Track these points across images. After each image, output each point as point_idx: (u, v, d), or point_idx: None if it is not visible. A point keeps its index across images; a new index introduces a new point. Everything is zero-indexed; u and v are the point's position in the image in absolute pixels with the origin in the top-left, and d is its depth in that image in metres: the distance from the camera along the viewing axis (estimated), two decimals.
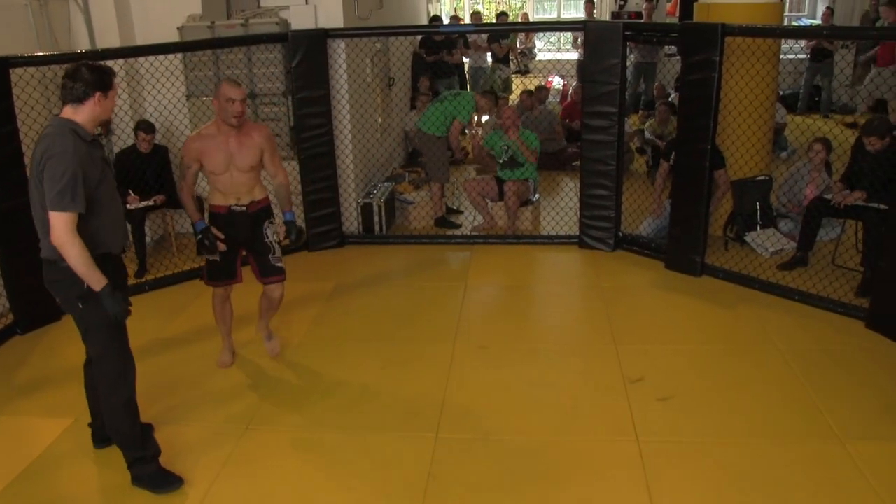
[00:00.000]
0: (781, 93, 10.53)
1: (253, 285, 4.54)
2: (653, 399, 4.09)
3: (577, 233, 6.40)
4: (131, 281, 5.77)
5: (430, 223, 7.15)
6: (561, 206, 6.82)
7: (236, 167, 4.17)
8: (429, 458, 3.67)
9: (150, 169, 6.09)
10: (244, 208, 4.25)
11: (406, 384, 4.35)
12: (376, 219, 6.85)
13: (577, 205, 6.41)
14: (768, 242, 6.15)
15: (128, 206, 6.01)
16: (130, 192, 6.01)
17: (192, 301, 5.54)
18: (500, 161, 6.91)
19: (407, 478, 3.53)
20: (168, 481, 3.49)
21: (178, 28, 6.32)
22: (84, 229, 3.11)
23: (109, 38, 6.20)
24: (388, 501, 3.39)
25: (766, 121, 6.13)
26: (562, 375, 4.42)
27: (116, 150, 6.23)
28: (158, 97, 6.07)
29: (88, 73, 3.21)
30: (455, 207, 7.50)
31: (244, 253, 4.39)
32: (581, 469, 3.58)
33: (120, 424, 3.42)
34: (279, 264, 4.39)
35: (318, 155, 6.33)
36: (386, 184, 7.33)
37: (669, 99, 10.05)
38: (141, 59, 5.97)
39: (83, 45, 6.24)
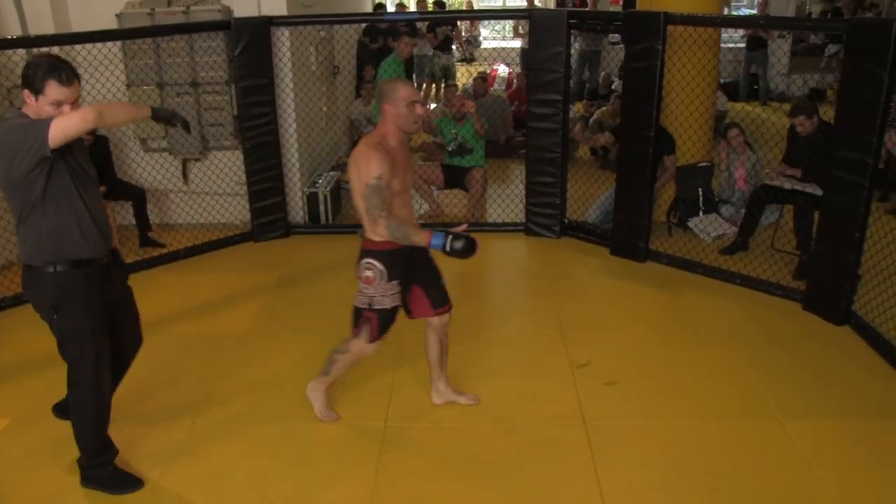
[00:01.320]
0: (722, 81, 10.75)
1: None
2: (599, 384, 4.15)
3: (524, 220, 6.45)
4: None
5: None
6: (507, 194, 6.85)
7: (408, 184, 3.62)
8: (378, 446, 3.67)
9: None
10: None
11: (353, 373, 4.32)
12: (322, 208, 6.79)
13: (523, 192, 6.45)
14: (710, 228, 6.28)
15: None
16: None
17: (136, 294, 5.41)
18: (449, 149, 6.92)
19: (356, 466, 3.53)
20: (127, 482, 3.40)
21: (116, 15, 6.17)
22: (37, 237, 2.99)
23: (43, 25, 6.01)
24: (337, 491, 3.38)
25: (707, 108, 6.25)
26: (510, 362, 4.45)
27: None
28: (97, 86, 5.92)
29: (30, 67, 2.93)
30: None
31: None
32: (530, 454, 3.62)
33: (87, 431, 3.31)
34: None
35: (262, 144, 6.25)
36: (332, 173, 7.28)
37: (613, 86, 10.17)
38: (78, 47, 5.81)
39: (14, 31, 6.00)
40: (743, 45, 11.63)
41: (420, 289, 3.69)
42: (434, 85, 11.30)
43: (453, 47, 11.67)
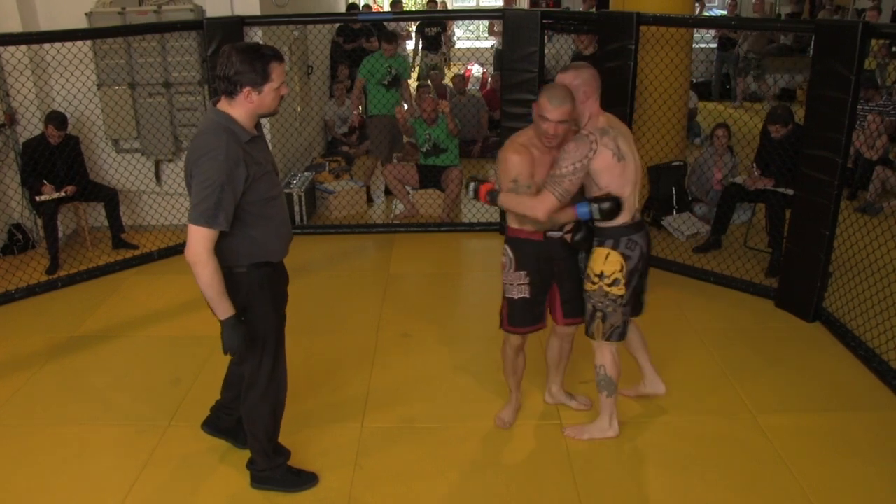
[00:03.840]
0: (694, 80, 10.85)
1: None
2: (575, 381, 4.17)
3: (498, 220, 6.46)
4: (42, 278, 5.60)
5: (352, 212, 7.11)
6: None
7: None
8: (355, 447, 3.66)
9: (60, 159, 5.86)
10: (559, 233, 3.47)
11: (330, 375, 4.32)
12: (297, 209, 6.77)
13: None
14: (684, 226, 6.34)
15: (37, 197, 5.80)
16: (45, 182, 5.79)
17: (106, 297, 5.37)
18: (423, 149, 6.93)
19: (333, 468, 3.51)
20: (303, 479, 3.41)
21: (86, 14, 6.09)
22: (245, 237, 2.90)
23: (10, 23, 5.91)
24: (314, 492, 3.37)
25: (680, 108, 6.30)
26: (485, 362, 4.46)
27: (22, 140, 5.97)
28: (67, 86, 5.86)
29: (238, 62, 2.74)
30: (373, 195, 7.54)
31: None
32: (506, 454, 3.63)
33: (264, 433, 3.26)
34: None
35: None
36: (306, 173, 7.25)
37: None
38: (47, 46, 5.74)
39: None
40: (715, 45, 11.74)
41: (557, 292, 3.58)
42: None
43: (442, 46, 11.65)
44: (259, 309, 3.06)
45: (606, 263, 3.33)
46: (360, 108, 7.95)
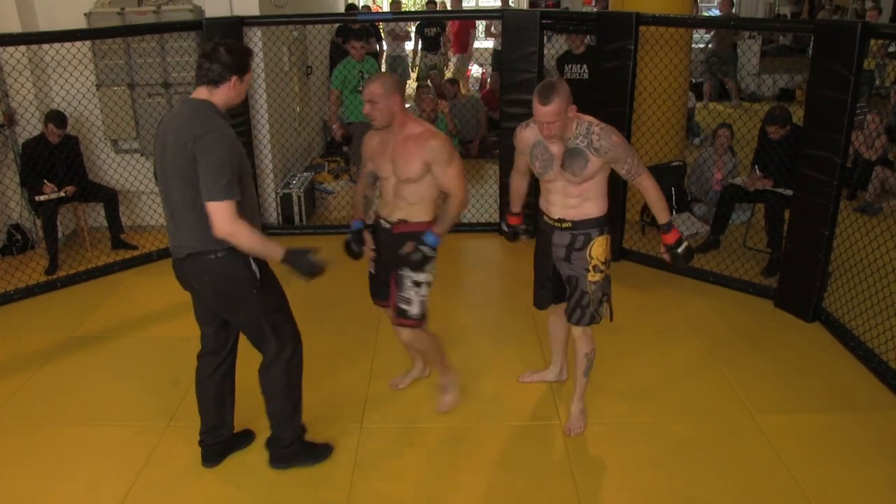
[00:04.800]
0: (693, 81, 10.86)
1: None
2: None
3: (498, 220, 6.46)
4: (42, 278, 5.60)
5: (351, 213, 7.08)
6: (481, 194, 6.86)
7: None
8: (354, 448, 3.66)
9: (60, 159, 5.86)
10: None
11: (329, 375, 4.32)
12: (296, 209, 6.77)
13: (497, 192, 6.46)
14: (683, 226, 6.33)
15: (37, 198, 5.80)
16: (45, 181, 5.79)
17: (106, 298, 5.37)
18: None
19: (332, 468, 3.51)
20: (322, 451, 3.57)
21: (85, 14, 6.09)
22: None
23: (9, 23, 5.91)
24: (314, 492, 3.37)
25: (679, 108, 6.30)
26: (485, 362, 4.46)
27: (21, 140, 5.96)
28: (66, 87, 5.86)
29: (226, 54, 2.99)
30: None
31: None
32: (506, 455, 3.63)
33: (289, 402, 3.40)
34: (402, 305, 3.70)
35: None
36: (305, 174, 7.25)
37: None
38: (45, 47, 5.74)
39: None
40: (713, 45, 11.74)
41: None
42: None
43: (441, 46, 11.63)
44: (269, 279, 3.22)
45: (607, 249, 3.57)
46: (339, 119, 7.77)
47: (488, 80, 11.05)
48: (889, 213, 6.64)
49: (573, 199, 3.46)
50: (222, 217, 2.90)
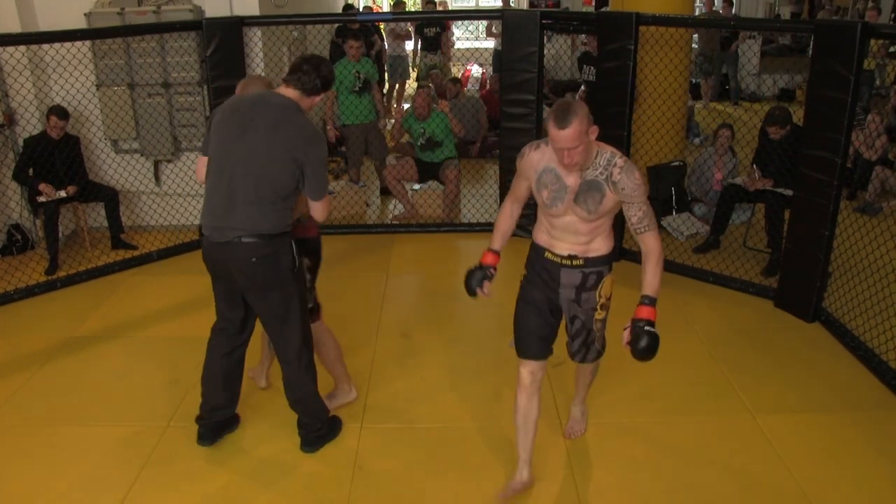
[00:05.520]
0: (694, 81, 10.87)
1: None
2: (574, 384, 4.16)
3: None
4: (42, 278, 5.60)
5: (351, 212, 7.10)
6: (481, 194, 6.87)
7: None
8: (354, 448, 3.66)
9: (60, 158, 5.86)
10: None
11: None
12: None
13: (497, 192, 6.46)
14: (683, 227, 6.34)
15: (38, 198, 5.80)
16: (43, 182, 5.79)
17: (106, 298, 5.37)
18: (418, 144, 6.92)
19: (332, 469, 3.52)
20: (338, 423, 3.77)
21: (85, 14, 6.09)
22: (288, 214, 3.26)
23: (8, 23, 5.91)
24: (313, 494, 3.37)
25: (679, 108, 6.31)
26: (484, 362, 4.46)
27: (21, 140, 5.96)
28: (66, 87, 5.85)
29: (329, 72, 3.30)
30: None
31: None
32: (505, 455, 3.62)
33: (316, 386, 3.58)
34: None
35: None
36: None
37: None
38: (46, 47, 5.74)
39: None
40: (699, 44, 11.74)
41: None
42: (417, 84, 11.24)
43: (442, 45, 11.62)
44: (299, 267, 3.41)
45: (612, 285, 3.30)
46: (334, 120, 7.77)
47: (488, 80, 11.04)
48: (889, 213, 6.64)
49: (583, 237, 3.09)
50: (324, 208, 3.34)
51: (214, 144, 3.22)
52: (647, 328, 3.09)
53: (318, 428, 3.62)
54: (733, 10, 12.23)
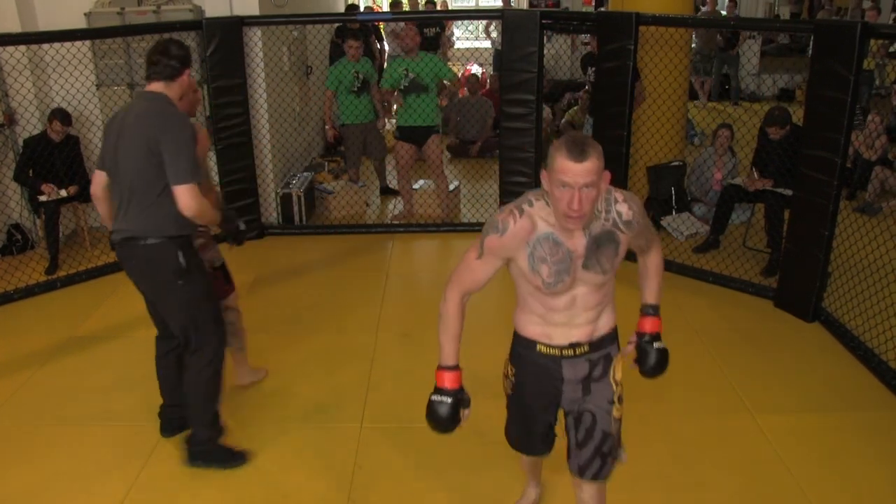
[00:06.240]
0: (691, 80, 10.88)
1: None
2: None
3: None
4: (42, 278, 5.60)
5: (351, 212, 7.11)
6: (481, 194, 6.87)
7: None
8: (354, 448, 3.66)
9: (60, 158, 5.86)
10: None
11: (329, 375, 4.32)
12: (296, 209, 6.77)
13: (497, 192, 6.47)
14: (683, 226, 6.34)
15: (40, 198, 5.80)
16: (44, 182, 5.79)
17: (106, 297, 5.37)
18: (402, 87, 6.60)
19: (333, 469, 3.52)
20: (235, 456, 3.52)
21: (85, 14, 6.09)
22: (172, 210, 3.11)
23: (8, 23, 5.91)
24: (314, 493, 3.37)
25: (679, 108, 6.30)
26: (484, 362, 4.45)
27: (21, 140, 5.96)
28: (66, 86, 5.85)
29: (177, 49, 3.21)
30: (392, 187, 7.51)
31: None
32: (506, 455, 3.62)
33: (211, 401, 3.42)
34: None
35: (235, 145, 6.20)
36: (305, 174, 7.25)
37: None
38: (46, 46, 5.74)
39: None
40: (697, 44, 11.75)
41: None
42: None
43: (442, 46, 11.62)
44: (193, 271, 3.26)
45: (622, 365, 2.66)
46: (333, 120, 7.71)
47: (487, 80, 11.04)
48: (889, 213, 6.64)
49: (591, 312, 2.47)
50: (190, 199, 3.06)
51: (101, 155, 3.30)
52: (655, 344, 2.69)
53: (197, 443, 3.45)
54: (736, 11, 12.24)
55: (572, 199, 2.18)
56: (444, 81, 6.64)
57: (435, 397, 2.51)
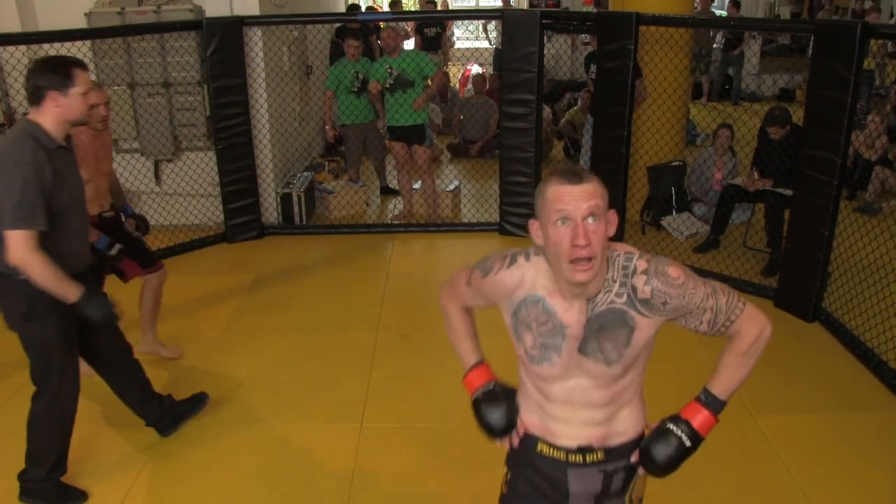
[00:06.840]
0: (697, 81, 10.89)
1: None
2: None
3: (498, 220, 6.46)
4: None
5: (351, 212, 7.11)
6: (481, 194, 6.87)
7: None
8: (354, 448, 3.66)
9: None
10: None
11: (329, 375, 4.32)
12: (296, 209, 6.77)
13: (498, 192, 6.47)
14: (683, 226, 6.34)
15: None
16: None
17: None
18: (387, 85, 6.55)
19: (333, 469, 3.52)
20: (70, 496, 3.30)
21: (85, 14, 6.09)
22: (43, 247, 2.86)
23: (8, 23, 5.91)
24: (314, 493, 3.38)
25: (679, 108, 6.31)
26: (488, 360, 4.45)
27: None
28: None
29: (38, 71, 2.90)
30: (392, 187, 7.50)
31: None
32: (504, 454, 3.62)
33: (48, 443, 3.23)
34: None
35: (235, 145, 6.21)
36: (305, 173, 7.25)
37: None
38: (46, 46, 5.73)
39: None
40: (716, 45, 11.75)
41: None
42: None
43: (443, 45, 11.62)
44: (41, 315, 3.04)
45: (645, 482, 2.26)
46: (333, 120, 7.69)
47: (487, 80, 11.04)
48: (889, 213, 6.64)
49: (599, 411, 2.00)
50: (18, 246, 2.81)
51: None
52: (674, 428, 2.15)
53: (26, 479, 3.28)
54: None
55: (576, 234, 1.70)
56: (427, 81, 6.61)
57: (480, 393, 2.24)
